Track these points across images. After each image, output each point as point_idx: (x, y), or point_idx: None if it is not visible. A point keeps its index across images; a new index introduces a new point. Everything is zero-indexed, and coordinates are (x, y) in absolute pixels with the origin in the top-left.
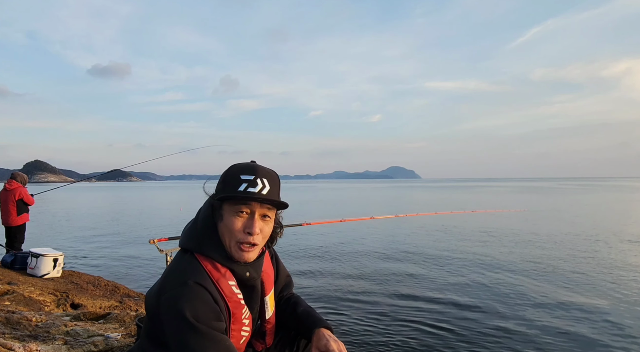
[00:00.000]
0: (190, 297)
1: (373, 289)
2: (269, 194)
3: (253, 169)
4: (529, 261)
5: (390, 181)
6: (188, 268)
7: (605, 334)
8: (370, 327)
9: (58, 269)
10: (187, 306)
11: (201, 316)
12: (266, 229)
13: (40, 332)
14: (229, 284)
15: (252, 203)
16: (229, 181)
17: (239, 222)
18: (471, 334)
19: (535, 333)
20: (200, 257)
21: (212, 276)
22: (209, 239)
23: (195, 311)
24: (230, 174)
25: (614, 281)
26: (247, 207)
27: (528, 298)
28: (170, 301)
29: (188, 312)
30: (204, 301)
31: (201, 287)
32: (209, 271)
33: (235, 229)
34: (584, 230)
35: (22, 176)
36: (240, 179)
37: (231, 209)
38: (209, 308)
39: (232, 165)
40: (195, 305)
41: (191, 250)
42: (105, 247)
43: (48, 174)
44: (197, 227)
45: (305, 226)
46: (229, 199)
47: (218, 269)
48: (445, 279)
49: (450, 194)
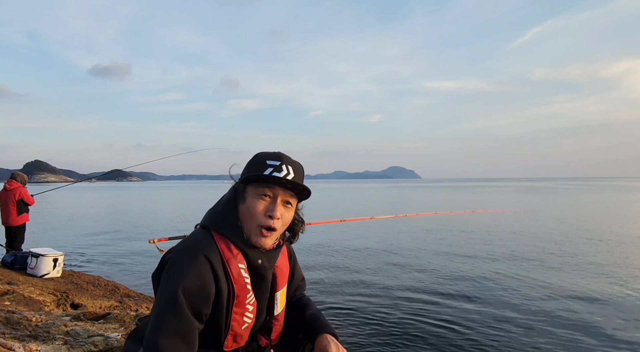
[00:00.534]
0: (191, 268)
1: (374, 289)
2: (293, 181)
3: (279, 156)
4: (528, 260)
5: (390, 181)
6: (203, 241)
7: (605, 334)
8: (374, 324)
9: (58, 269)
10: (184, 274)
11: (189, 288)
12: (286, 216)
13: (40, 332)
14: (239, 266)
15: (276, 187)
16: (255, 165)
17: (261, 205)
18: (472, 332)
19: (536, 332)
20: (216, 236)
21: (224, 254)
22: (227, 220)
23: (188, 283)
24: (256, 159)
25: (614, 280)
26: (271, 191)
27: (528, 297)
28: (173, 260)
29: (181, 281)
30: (201, 277)
31: (207, 263)
32: (222, 249)
33: (257, 212)
34: (583, 230)
35: (22, 176)
36: (266, 163)
37: (254, 192)
38: (202, 284)
39: (258, 153)
40: (190, 278)
41: (209, 227)
42: (105, 247)
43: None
44: (218, 209)
45: (305, 226)
46: (253, 181)
47: (231, 249)
48: (445, 279)
49: (450, 194)
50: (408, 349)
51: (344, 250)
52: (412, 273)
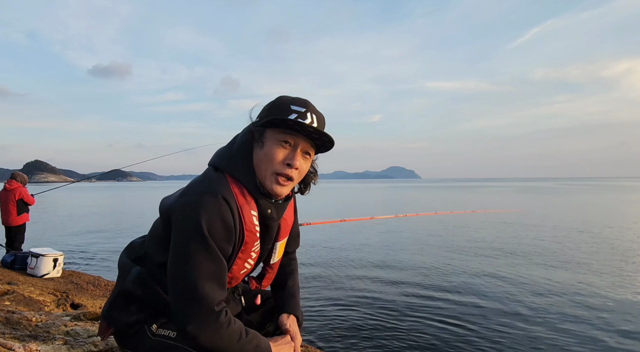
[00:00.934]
0: (213, 209)
1: (374, 288)
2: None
3: (305, 103)
4: (528, 260)
5: (390, 181)
6: (218, 182)
7: (605, 334)
8: (376, 323)
9: (58, 269)
10: (206, 216)
11: (215, 231)
12: (304, 167)
13: (40, 332)
14: (251, 213)
15: (298, 135)
16: (277, 108)
17: (281, 152)
18: (471, 331)
19: (536, 331)
20: (230, 179)
21: (238, 200)
22: (242, 164)
23: (212, 223)
24: (280, 103)
25: (615, 280)
26: (292, 139)
27: (527, 297)
28: (191, 205)
29: (204, 222)
30: (224, 219)
31: (226, 204)
32: (236, 194)
33: (276, 159)
34: (583, 230)
35: (22, 176)
36: (291, 109)
37: (276, 137)
38: (225, 227)
39: (281, 95)
40: (213, 218)
41: (222, 169)
42: (105, 247)
43: (48, 174)
44: (233, 151)
45: (305, 226)
46: (277, 126)
47: (245, 195)
48: (445, 278)
49: (450, 194)
50: (407, 347)
51: (344, 250)
52: (412, 272)
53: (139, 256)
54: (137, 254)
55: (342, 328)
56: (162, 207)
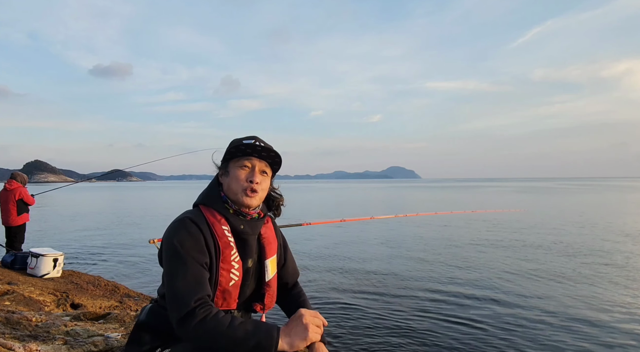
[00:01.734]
0: (181, 229)
1: (374, 287)
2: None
3: (254, 136)
4: (528, 260)
5: (390, 181)
6: (189, 212)
7: (607, 333)
8: (380, 321)
9: (58, 269)
10: (176, 235)
11: (186, 245)
12: (264, 184)
13: (40, 332)
14: (222, 227)
15: (252, 158)
16: (233, 145)
17: (242, 173)
18: (471, 330)
19: (536, 330)
20: (203, 208)
21: (209, 219)
22: (211, 194)
23: (181, 239)
24: (234, 141)
25: (616, 280)
26: (249, 162)
27: (527, 296)
28: (167, 233)
29: (175, 240)
30: (192, 234)
31: (193, 224)
32: (207, 216)
33: (240, 179)
34: (583, 230)
35: (22, 175)
36: (242, 142)
37: (236, 165)
38: (194, 240)
39: (234, 139)
40: (182, 235)
41: (197, 204)
42: (105, 247)
43: (48, 174)
44: (206, 189)
45: (305, 226)
46: (234, 156)
47: (215, 215)
48: (445, 277)
49: (450, 194)
50: (407, 345)
51: (344, 250)
52: (412, 272)
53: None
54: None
55: (347, 327)
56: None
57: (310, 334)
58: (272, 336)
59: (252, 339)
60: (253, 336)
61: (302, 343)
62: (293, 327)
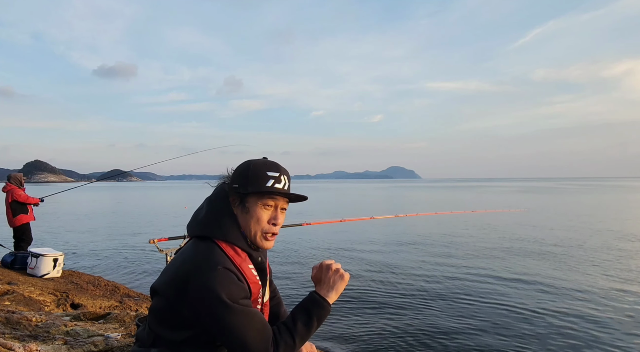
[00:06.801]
0: (222, 281)
1: (375, 288)
2: (289, 190)
3: (276, 166)
4: (527, 260)
5: (390, 181)
6: (213, 254)
7: (608, 333)
8: (373, 321)
9: (58, 269)
10: (221, 289)
11: (234, 295)
12: (282, 220)
13: (40, 332)
14: (249, 267)
15: (278, 198)
16: (256, 176)
17: (265, 214)
18: (470, 330)
19: (536, 330)
20: (222, 243)
21: (235, 260)
22: (231, 227)
23: (229, 292)
24: (256, 170)
25: (616, 279)
26: (273, 201)
27: (527, 296)
28: (204, 285)
29: (224, 295)
30: (234, 282)
31: (228, 271)
32: (231, 256)
33: (263, 221)
34: (584, 229)
35: (15, 176)
36: (267, 175)
37: (259, 202)
38: (239, 288)
39: (251, 161)
40: (228, 286)
41: (210, 237)
42: (106, 247)
43: (48, 174)
44: (216, 217)
45: (305, 226)
46: (258, 194)
47: (239, 254)
48: (445, 277)
49: (450, 194)
50: (408, 345)
51: (344, 250)
52: (412, 272)
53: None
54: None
55: (346, 327)
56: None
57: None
58: (318, 302)
59: (313, 321)
60: (310, 319)
61: (342, 284)
62: (325, 282)
